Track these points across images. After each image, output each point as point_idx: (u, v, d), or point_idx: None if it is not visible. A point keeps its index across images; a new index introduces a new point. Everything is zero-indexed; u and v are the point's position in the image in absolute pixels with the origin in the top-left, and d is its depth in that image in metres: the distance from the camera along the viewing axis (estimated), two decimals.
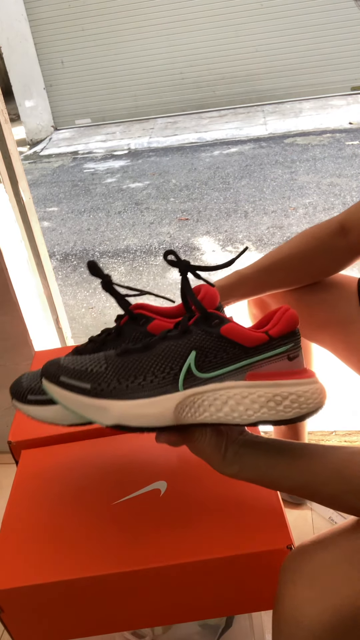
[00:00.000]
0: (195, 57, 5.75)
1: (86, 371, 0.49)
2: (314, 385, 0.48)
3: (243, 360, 0.48)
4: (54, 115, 6.27)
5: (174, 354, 0.48)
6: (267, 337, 0.48)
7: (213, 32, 5.59)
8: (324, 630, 0.43)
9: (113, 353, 0.50)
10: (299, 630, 0.44)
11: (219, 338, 0.47)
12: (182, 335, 0.48)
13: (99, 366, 0.49)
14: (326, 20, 5.38)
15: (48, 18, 5.72)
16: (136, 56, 5.83)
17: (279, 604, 0.47)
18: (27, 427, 0.74)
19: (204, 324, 0.48)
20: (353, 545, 0.47)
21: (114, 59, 5.88)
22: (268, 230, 2.99)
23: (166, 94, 5.99)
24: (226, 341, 0.47)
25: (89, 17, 5.66)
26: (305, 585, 0.45)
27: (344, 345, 0.82)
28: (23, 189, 1.13)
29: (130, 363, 0.48)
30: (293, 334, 0.49)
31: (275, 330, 0.48)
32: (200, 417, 0.48)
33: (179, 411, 0.47)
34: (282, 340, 0.48)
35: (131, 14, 5.60)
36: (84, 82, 6.05)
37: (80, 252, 3.07)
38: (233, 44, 5.63)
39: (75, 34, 5.78)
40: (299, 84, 5.72)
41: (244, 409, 0.47)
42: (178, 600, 0.59)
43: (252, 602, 0.60)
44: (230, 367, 0.47)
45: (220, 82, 5.86)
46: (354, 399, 1.32)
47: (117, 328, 0.55)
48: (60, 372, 0.49)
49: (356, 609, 0.43)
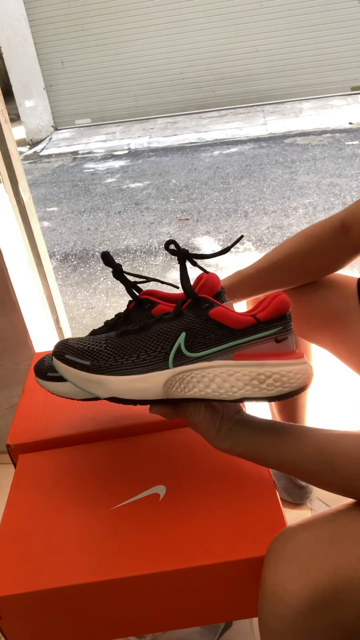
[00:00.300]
0: (195, 57, 5.75)
1: (87, 350, 0.54)
2: (298, 366, 0.50)
3: (230, 341, 0.51)
4: (54, 115, 6.27)
5: (166, 334, 0.52)
6: (255, 321, 0.51)
7: (213, 32, 5.59)
8: (304, 605, 0.45)
9: (114, 334, 0.55)
10: (280, 605, 0.46)
11: (207, 320, 0.51)
12: (175, 318, 0.52)
13: (99, 345, 0.54)
14: (326, 20, 5.38)
15: (48, 18, 5.72)
16: (136, 56, 5.83)
17: (263, 582, 0.49)
18: (26, 430, 0.73)
19: (195, 307, 0.52)
20: (332, 526, 0.49)
21: (114, 59, 5.88)
22: (268, 230, 2.99)
23: (166, 94, 5.99)
24: (214, 323, 0.51)
25: (89, 17, 5.66)
26: (286, 563, 0.48)
27: (343, 345, 0.82)
28: (23, 189, 1.13)
29: (127, 343, 0.53)
30: (281, 318, 0.51)
31: (263, 314, 0.51)
32: (189, 392, 0.51)
33: (168, 386, 0.51)
34: (269, 324, 0.51)
35: (131, 14, 5.60)
36: (84, 82, 6.05)
37: (80, 252, 3.07)
38: (233, 44, 5.63)
39: (75, 34, 5.77)
40: (299, 84, 5.72)
41: (229, 386, 0.51)
42: (178, 606, 0.59)
43: (254, 606, 0.60)
44: (217, 348, 0.51)
45: (220, 82, 5.86)
46: (353, 399, 1.32)
47: (126, 312, 0.58)
48: (66, 350, 0.55)
49: (334, 585, 0.45)
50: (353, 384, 1.27)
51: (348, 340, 0.80)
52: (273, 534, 0.55)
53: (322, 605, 0.45)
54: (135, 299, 0.56)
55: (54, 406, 0.77)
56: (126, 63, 5.89)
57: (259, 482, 0.61)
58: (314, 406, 1.05)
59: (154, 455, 0.67)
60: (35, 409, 0.77)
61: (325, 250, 0.77)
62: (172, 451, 0.67)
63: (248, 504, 0.59)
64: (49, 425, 0.74)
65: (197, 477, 0.63)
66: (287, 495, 1.06)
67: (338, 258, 0.78)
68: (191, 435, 0.69)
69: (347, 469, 0.49)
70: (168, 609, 0.59)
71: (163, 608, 0.59)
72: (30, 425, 0.74)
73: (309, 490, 1.06)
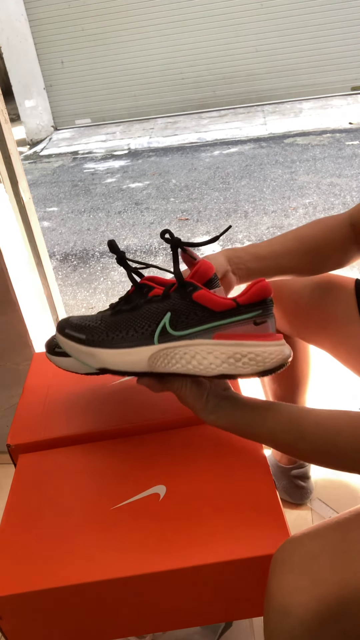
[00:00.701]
0: (195, 57, 5.75)
1: (84, 326, 0.60)
2: (272, 347, 0.54)
3: (211, 322, 0.56)
4: (54, 115, 6.27)
5: (153, 314, 0.57)
6: (235, 304, 0.55)
7: (213, 32, 5.59)
8: (311, 618, 0.44)
9: (109, 312, 0.61)
10: (287, 618, 0.45)
11: (191, 302, 0.56)
12: (163, 300, 0.57)
13: (95, 322, 0.60)
14: (326, 20, 5.38)
15: (48, 18, 5.72)
16: (136, 56, 5.83)
17: (269, 594, 0.48)
18: (26, 430, 0.73)
19: (181, 291, 0.57)
20: (339, 536, 0.48)
21: (114, 59, 5.88)
22: (268, 230, 2.99)
23: (166, 94, 5.99)
24: (197, 305, 0.56)
25: (89, 17, 5.66)
26: (294, 574, 0.47)
27: (342, 346, 0.81)
28: (23, 189, 1.13)
29: (119, 320, 0.59)
30: (261, 302, 0.55)
31: (244, 299, 0.55)
32: (172, 367, 0.56)
33: (152, 361, 0.56)
34: (249, 307, 0.55)
35: (131, 14, 5.60)
36: (84, 82, 6.05)
37: (80, 252, 3.07)
38: (233, 44, 5.63)
39: (75, 34, 5.78)
40: (299, 84, 5.72)
41: (208, 362, 0.55)
42: (178, 606, 0.59)
43: (254, 606, 0.60)
44: (199, 328, 0.56)
45: (220, 82, 5.86)
46: (353, 398, 1.32)
47: (126, 295, 0.62)
48: (66, 325, 0.61)
49: (342, 597, 0.44)
50: (352, 384, 1.27)
51: (346, 342, 0.80)
52: (273, 532, 0.55)
53: (330, 618, 0.44)
54: (135, 284, 0.61)
55: (54, 406, 0.77)
56: (126, 63, 5.89)
57: (259, 483, 0.61)
58: (313, 406, 1.05)
59: (154, 455, 0.67)
60: (35, 409, 0.77)
61: (335, 242, 0.76)
62: (172, 451, 0.67)
63: (248, 503, 0.59)
64: (49, 425, 0.74)
65: (197, 477, 0.63)
66: (287, 495, 1.06)
67: (348, 253, 0.77)
68: (191, 435, 0.70)
69: (314, 436, 0.55)
70: (168, 608, 0.59)
71: (163, 608, 0.59)
72: (30, 425, 0.74)
73: (309, 491, 1.06)
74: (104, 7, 5.60)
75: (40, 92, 6.13)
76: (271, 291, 0.55)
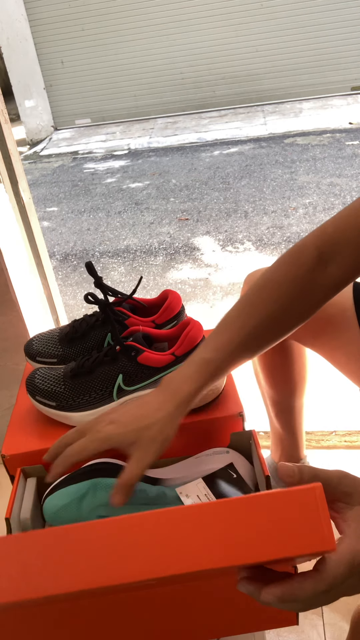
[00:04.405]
0: (195, 57, 5.75)
1: (51, 391, 0.71)
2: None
3: (157, 375, 0.69)
4: (54, 115, 6.27)
5: (107, 377, 0.69)
6: (174, 357, 0.68)
7: (213, 32, 5.59)
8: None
9: (69, 373, 0.71)
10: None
11: (137, 364, 0.68)
12: (112, 362, 0.69)
13: (59, 387, 0.71)
14: (326, 20, 5.38)
15: (48, 18, 5.72)
16: (136, 56, 5.83)
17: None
18: (20, 440, 0.71)
19: (126, 353, 0.68)
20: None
21: (114, 59, 5.88)
22: (268, 230, 2.99)
23: (166, 94, 5.99)
24: (143, 366, 0.68)
25: (89, 17, 5.66)
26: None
27: (339, 351, 0.80)
28: (23, 189, 1.13)
29: (80, 384, 0.70)
30: (195, 347, 0.67)
31: (180, 351, 0.68)
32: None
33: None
34: (185, 355, 0.67)
35: (131, 14, 5.60)
36: (84, 82, 6.05)
37: (80, 252, 3.07)
38: (233, 44, 5.63)
39: (75, 34, 5.77)
40: (299, 84, 5.72)
41: None
42: (186, 618, 0.58)
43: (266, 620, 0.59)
44: (148, 381, 0.69)
45: (220, 82, 5.86)
46: (353, 399, 1.32)
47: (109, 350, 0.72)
48: (35, 392, 0.72)
49: None
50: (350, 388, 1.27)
51: (344, 347, 0.79)
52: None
53: None
54: (121, 346, 0.69)
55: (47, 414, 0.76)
56: (126, 63, 5.89)
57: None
58: (311, 410, 1.05)
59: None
60: (29, 418, 0.75)
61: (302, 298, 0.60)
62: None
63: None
64: (44, 433, 0.72)
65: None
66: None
67: (318, 300, 0.61)
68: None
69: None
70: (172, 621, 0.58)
71: (166, 619, 0.58)
72: (25, 435, 0.72)
73: None
74: (104, 7, 5.60)
75: (40, 92, 6.13)
76: (202, 334, 0.69)
